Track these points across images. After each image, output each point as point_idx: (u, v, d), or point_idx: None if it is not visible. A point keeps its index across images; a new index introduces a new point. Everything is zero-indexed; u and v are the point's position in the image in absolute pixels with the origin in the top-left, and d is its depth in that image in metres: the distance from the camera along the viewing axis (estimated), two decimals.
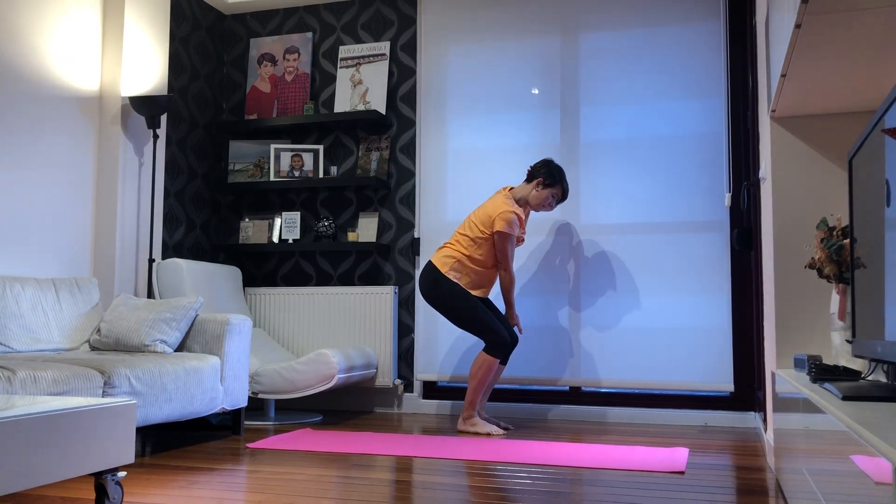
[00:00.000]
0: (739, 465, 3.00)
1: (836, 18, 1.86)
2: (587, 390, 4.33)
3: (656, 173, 4.23)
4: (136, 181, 4.17)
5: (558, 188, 3.87)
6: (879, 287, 1.65)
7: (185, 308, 3.54)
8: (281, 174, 4.73)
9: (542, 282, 4.35)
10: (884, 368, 2.00)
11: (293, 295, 4.68)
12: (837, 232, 2.35)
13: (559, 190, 3.88)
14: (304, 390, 3.97)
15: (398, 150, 4.68)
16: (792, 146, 2.77)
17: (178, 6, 4.63)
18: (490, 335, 3.76)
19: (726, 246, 4.10)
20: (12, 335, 3.25)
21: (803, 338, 2.70)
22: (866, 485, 1.09)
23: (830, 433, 1.46)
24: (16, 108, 3.64)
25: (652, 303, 4.18)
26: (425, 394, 4.56)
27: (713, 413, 4.08)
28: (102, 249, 4.02)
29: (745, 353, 4.07)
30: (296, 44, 4.91)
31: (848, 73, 2.27)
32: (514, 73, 4.50)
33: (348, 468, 2.90)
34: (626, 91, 4.31)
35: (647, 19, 4.31)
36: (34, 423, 1.86)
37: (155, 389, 3.05)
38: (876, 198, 1.68)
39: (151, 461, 3.01)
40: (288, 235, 4.75)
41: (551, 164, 3.88)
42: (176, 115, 4.59)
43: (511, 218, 3.74)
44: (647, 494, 2.49)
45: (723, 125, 4.15)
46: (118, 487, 2.15)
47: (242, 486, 2.59)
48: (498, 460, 3.06)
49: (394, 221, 4.65)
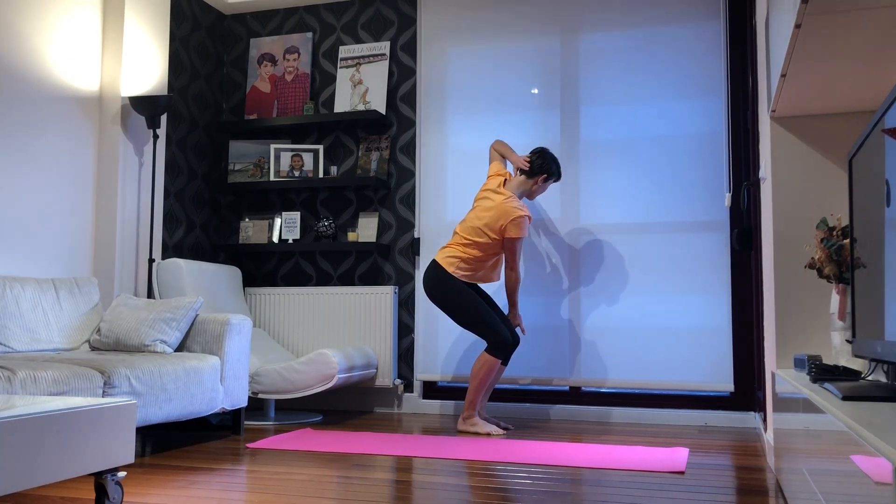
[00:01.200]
0: (739, 465, 3.00)
1: (836, 18, 1.86)
2: (587, 390, 4.33)
3: (656, 173, 4.23)
4: (136, 181, 4.17)
5: (556, 177, 3.98)
6: (879, 287, 1.65)
7: (185, 308, 3.54)
8: (281, 174, 4.73)
9: (542, 282, 4.35)
10: (884, 368, 2.00)
11: (293, 295, 4.68)
12: (837, 232, 2.35)
13: (556, 178, 3.99)
14: (304, 390, 3.97)
15: (398, 150, 4.68)
16: (792, 146, 2.77)
17: (178, 6, 4.63)
18: (493, 336, 3.76)
19: (726, 246, 4.10)
20: (12, 335, 3.25)
21: (803, 338, 2.70)
22: (866, 485, 1.09)
23: (830, 433, 1.46)
24: (16, 108, 3.64)
25: (652, 303, 4.18)
26: (425, 394, 4.55)
27: (713, 413, 4.08)
28: (102, 249, 4.02)
29: (745, 353, 4.07)
30: (296, 44, 4.91)
31: (848, 73, 2.27)
32: (514, 73, 4.50)
33: (348, 468, 2.90)
34: (626, 91, 4.31)
35: (646, 19, 4.31)
36: (34, 423, 1.86)
37: (155, 389, 3.05)
38: (876, 198, 1.68)
39: (151, 461, 3.01)
40: (288, 235, 4.75)
41: (547, 156, 3.92)
42: (176, 115, 4.59)
43: (523, 223, 3.79)
44: (647, 494, 2.49)
45: (723, 125, 4.15)
46: (118, 487, 2.15)
47: (242, 486, 2.59)
48: (498, 460, 3.06)
49: (394, 221, 4.65)
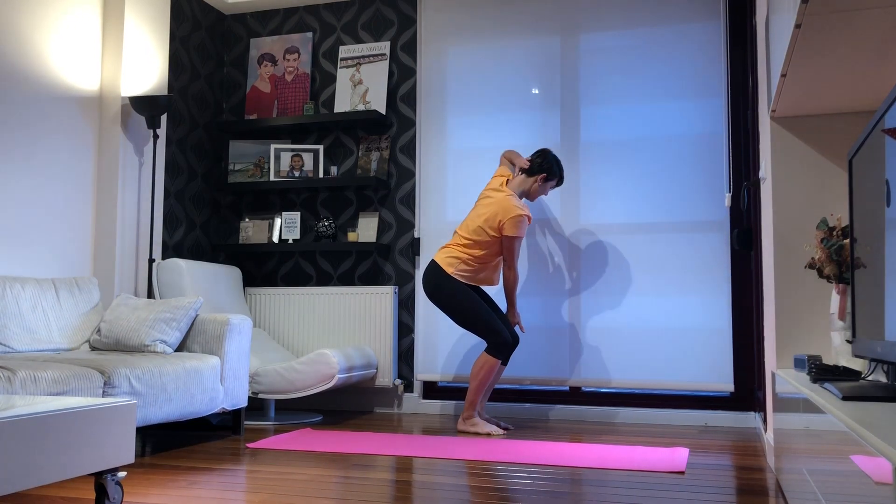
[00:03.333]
0: (739, 465, 3.00)
1: (836, 18, 1.86)
2: (587, 390, 4.33)
3: (656, 173, 4.23)
4: (136, 181, 4.17)
5: (557, 178, 3.95)
6: (879, 287, 1.65)
7: (185, 308, 3.54)
8: (281, 174, 4.73)
9: (542, 282, 4.35)
10: (884, 368, 2.00)
11: (293, 295, 4.68)
12: (837, 232, 2.35)
13: (558, 180, 3.96)
14: (304, 390, 3.97)
15: (398, 150, 4.68)
16: (792, 146, 2.77)
17: (178, 6, 4.63)
18: (493, 336, 3.76)
19: (726, 246, 4.10)
20: (12, 335, 3.25)
21: (803, 338, 2.70)
22: (866, 485, 1.09)
23: (830, 433, 1.46)
24: (16, 108, 3.64)
25: (652, 303, 4.18)
26: (425, 394, 4.55)
27: (713, 413, 4.08)
28: (102, 249, 4.02)
29: (745, 353, 4.07)
30: (296, 44, 4.91)
31: (848, 73, 2.27)
32: (514, 73, 4.50)
33: (348, 468, 2.90)
34: (626, 91, 4.31)
35: (646, 19, 4.30)
36: (34, 423, 1.86)
37: (155, 389, 3.05)
38: (876, 198, 1.68)
39: (151, 461, 3.01)
40: (288, 235, 4.74)
41: (549, 156, 3.91)
42: (176, 115, 4.59)
43: (521, 221, 3.77)
44: (647, 494, 2.49)
45: (723, 125, 4.15)
46: (118, 487, 2.15)
47: (242, 486, 2.59)
48: (498, 460, 3.05)
49: (394, 221, 4.65)
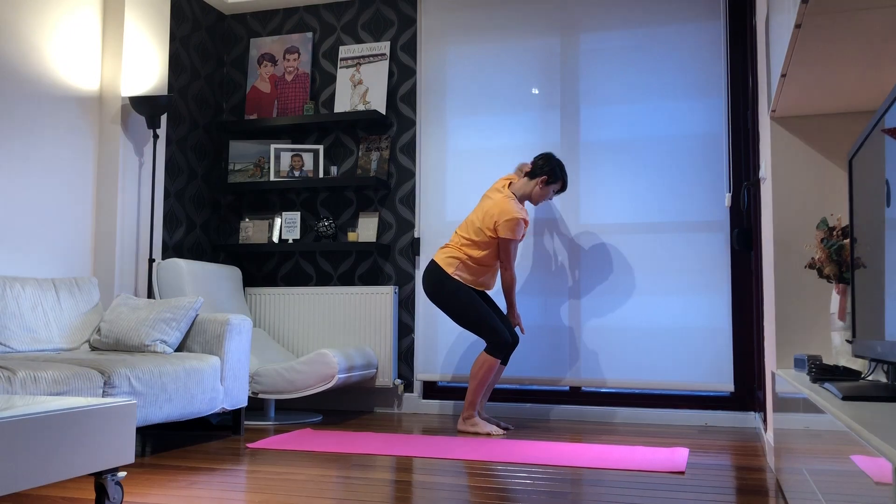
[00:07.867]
0: (739, 465, 3.00)
1: (836, 18, 1.86)
2: (587, 390, 4.33)
3: (656, 173, 4.23)
4: (136, 181, 4.17)
5: (560, 183, 3.92)
6: (879, 287, 1.65)
7: (185, 308, 3.54)
8: (281, 174, 4.73)
9: (542, 281, 4.35)
10: (884, 368, 2.00)
11: (293, 295, 4.68)
12: (837, 232, 2.35)
13: (561, 184, 3.93)
14: (304, 390, 3.97)
15: (398, 150, 4.68)
16: (792, 146, 2.77)
17: (178, 6, 4.63)
18: (492, 336, 3.76)
19: (726, 246, 4.10)
20: (12, 335, 3.25)
21: (803, 338, 2.70)
22: (866, 485, 1.09)
23: (830, 433, 1.46)
24: (16, 108, 3.64)
25: (652, 302, 4.18)
26: (425, 394, 4.55)
27: (713, 413, 4.08)
28: (102, 249, 4.02)
29: (745, 353, 4.07)
30: (296, 44, 4.91)
31: (848, 72, 2.27)
32: (514, 73, 4.50)
33: (348, 468, 2.90)
34: (626, 91, 4.31)
35: (646, 19, 4.30)
36: (34, 423, 1.86)
37: (155, 389, 3.05)
38: (876, 198, 1.68)
39: (151, 461, 3.01)
40: (288, 235, 4.74)
41: (552, 160, 3.89)
42: (176, 115, 4.59)
43: (516, 225, 3.75)
44: (647, 494, 2.49)
45: (723, 125, 4.15)
46: (118, 487, 2.15)
47: (242, 486, 2.59)
48: (498, 460, 3.05)
49: (394, 221, 4.65)
